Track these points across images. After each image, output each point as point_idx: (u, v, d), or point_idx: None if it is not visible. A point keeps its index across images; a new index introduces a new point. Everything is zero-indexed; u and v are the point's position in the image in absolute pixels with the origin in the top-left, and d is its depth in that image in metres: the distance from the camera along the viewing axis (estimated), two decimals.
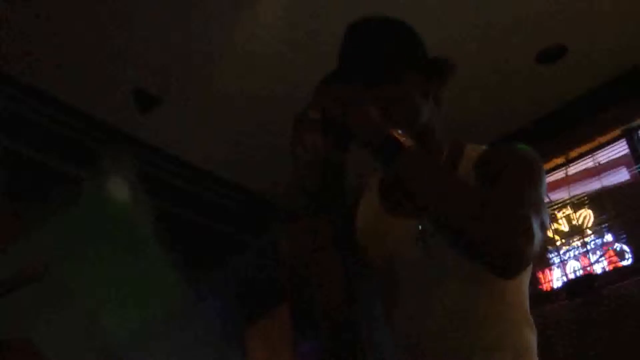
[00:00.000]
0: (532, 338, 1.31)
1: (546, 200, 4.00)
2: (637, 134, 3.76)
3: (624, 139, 3.82)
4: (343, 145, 1.14)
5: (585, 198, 4.01)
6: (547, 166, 4.11)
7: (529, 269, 1.30)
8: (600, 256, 3.85)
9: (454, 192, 1.12)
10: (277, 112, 3.64)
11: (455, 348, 1.24)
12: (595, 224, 3.92)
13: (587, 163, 4.03)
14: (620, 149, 3.87)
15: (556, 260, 4.04)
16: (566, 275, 3.94)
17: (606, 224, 3.87)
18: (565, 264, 3.98)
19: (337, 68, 1.32)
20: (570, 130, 3.86)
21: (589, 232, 3.95)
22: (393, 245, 1.32)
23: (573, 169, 4.08)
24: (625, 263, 3.73)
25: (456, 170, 1.31)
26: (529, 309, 1.35)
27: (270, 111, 3.64)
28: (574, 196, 4.06)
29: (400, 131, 1.13)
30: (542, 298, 3.95)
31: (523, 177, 1.22)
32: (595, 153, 3.96)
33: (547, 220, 1.20)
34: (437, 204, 1.12)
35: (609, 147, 3.90)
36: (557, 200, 4.12)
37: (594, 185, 3.99)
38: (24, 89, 3.22)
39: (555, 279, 4.00)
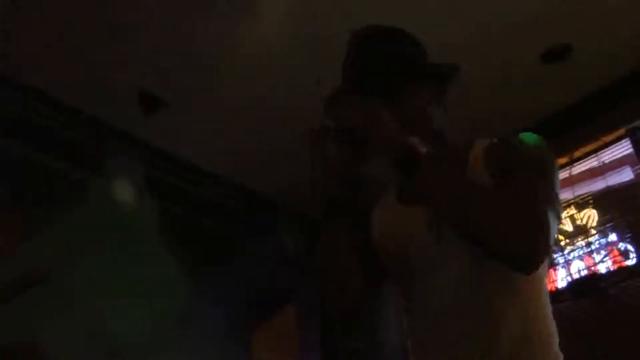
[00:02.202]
0: (548, 325, 1.34)
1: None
2: None
3: (628, 138, 3.81)
4: (361, 155, 1.19)
5: (590, 198, 4.00)
6: None
7: (546, 264, 1.31)
8: (605, 256, 3.84)
9: (471, 197, 1.16)
10: (281, 114, 3.67)
11: (467, 326, 1.25)
12: (599, 223, 3.91)
13: (591, 163, 4.02)
14: (624, 148, 3.86)
15: (560, 260, 4.03)
16: (571, 275, 3.93)
17: (610, 224, 3.86)
18: (570, 264, 3.97)
19: (348, 80, 1.36)
20: (575, 129, 3.85)
21: (593, 231, 3.94)
22: (407, 231, 1.35)
23: (577, 168, 4.07)
24: (629, 262, 3.72)
25: (467, 166, 1.32)
26: (548, 301, 1.35)
27: (274, 113, 3.64)
28: (578, 196, 4.05)
29: (416, 140, 1.16)
30: None
31: (535, 171, 1.24)
32: (599, 152, 3.95)
33: (561, 210, 1.26)
34: (455, 211, 1.16)
35: (613, 146, 3.89)
36: (561, 200, 4.10)
37: (598, 184, 3.98)
38: (29, 92, 3.21)
39: (559, 279, 3.99)
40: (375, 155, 1.18)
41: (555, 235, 1.19)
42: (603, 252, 3.87)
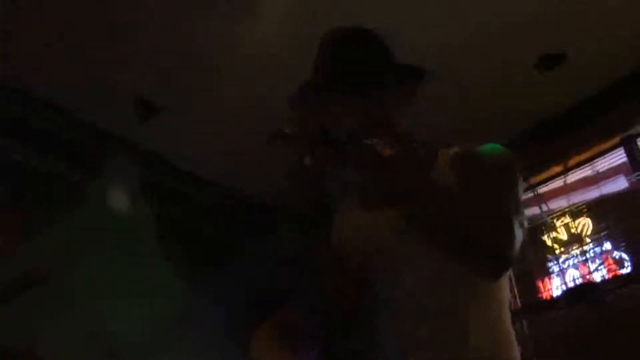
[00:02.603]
0: (508, 327, 1.32)
1: (544, 208, 4.04)
2: (636, 142, 3.77)
3: (622, 147, 3.83)
4: (323, 157, 1.16)
5: (584, 206, 4.01)
6: (545, 175, 4.13)
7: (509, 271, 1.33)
8: (600, 264, 3.85)
9: (436, 200, 1.16)
10: (281, 116, 3.67)
11: (435, 331, 1.24)
12: (594, 232, 3.92)
13: (586, 171, 4.04)
14: (618, 157, 3.88)
15: (555, 268, 4.03)
16: (566, 283, 3.93)
17: (605, 232, 3.87)
18: (565, 273, 3.97)
19: (313, 79, 1.38)
20: (569, 138, 3.87)
21: (588, 240, 3.95)
22: (371, 235, 1.33)
23: (572, 177, 4.08)
24: (624, 271, 3.72)
25: (431, 173, 1.33)
26: (508, 310, 1.35)
27: (274, 115, 3.63)
28: (572, 204, 4.06)
29: (378, 141, 1.15)
30: (541, 306, 3.95)
31: (500, 179, 1.25)
32: (594, 161, 3.97)
33: (525, 219, 1.23)
34: (420, 212, 1.16)
35: (607, 155, 3.91)
36: (556, 209, 4.12)
37: (593, 193, 3.99)
38: (28, 94, 3.23)
39: (554, 287, 3.99)
40: (339, 158, 1.16)
41: (519, 244, 1.16)
42: (598, 261, 3.87)
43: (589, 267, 3.90)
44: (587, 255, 3.92)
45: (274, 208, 4.19)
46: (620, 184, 3.90)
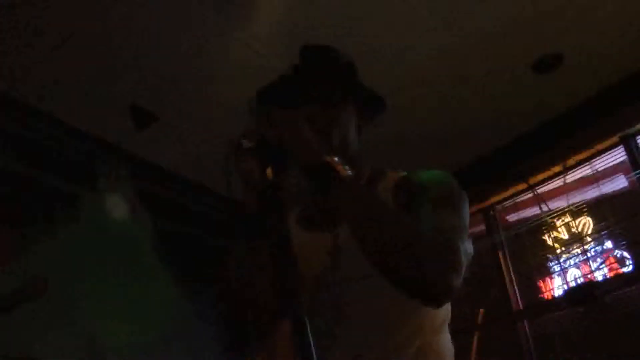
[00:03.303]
0: (446, 344, 1.30)
1: (544, 208, 4.04)
2: (635, 140, 3.76)
3: (621, 146, 3.82)
4: (280, 169, 1.12)
5: (584, 206, 4.00)
6: (545, 174, 4.12)
7: None
8: (601, 263, 3.85)
9: (387, 224, 1.11)
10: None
11: (365, 350, 1.22)
12: (594, 231, 3.92)
13: (585, 171, 4.03)
14: (618, 156, 3.88)
15: (557, 268, 4.03)
16: (567, 283, 3.93)
17: (606, 231, 3.86)
18: (566, 272, 3.97)
19: (273, 88, 1.37)
20: (568, 138, 3.87)
21: (588, 239, 3.94)
22: (305, 259, 1.26)
23: (571, 177, 4.08)
24: (626, 270, 3.72)
25: (376, 192, 1.32)
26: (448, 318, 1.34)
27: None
28: (572, 204, 4.06)
29: (336, 159, 1.13)
30: (543, 306, 3.95)
31: (447, 205, 1.24)
32: (593, 161, 3.96)
33: (470, 247, 1.19)
34: (369, 235, 1.11)
35: (606, 154, 3.91)
36: (556, 209, 4.12)
37: (593, 193, 3.99)
38: (22, 107, 3.22)
39: (556, 287, 3.99)
40: (292, 170, 1.14)
41: (463, 271, 1.12)
42: (599, 260, 3.87)
43: (590, 266, 3.89)
44: (588, 255, 3.92)
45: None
46: (619, 183, 3.90)
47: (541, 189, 4.17)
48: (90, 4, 2.77)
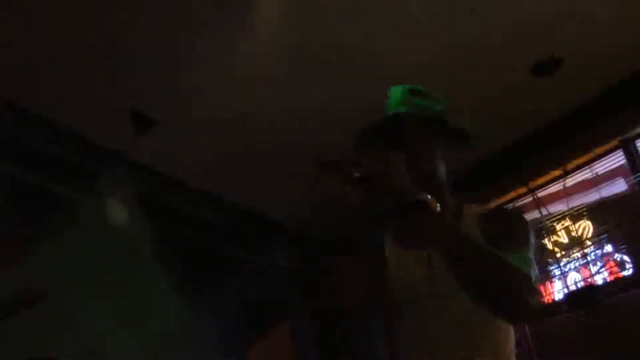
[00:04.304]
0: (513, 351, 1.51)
1: (544, 212, 4.04)
2: (634, 144, 3.77)
3: (621, 150, 3.83)
4: (379, 200, 1.26)
5: (584, 209, 4.00)
6: (545, 179, 4.12)
7: None
8: (601, 267, 3.84)
9: (478, 256, 1.29)
10: (274, 132, 3.68)
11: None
12: (594, 235, 3.91)
13: (584, 174, 4.03)
14: (617, 159, 3.88)
15: (557, 272, 4.03)
16: (567, 287, 3.93)
17: (606, 235, 3.86)
18: (566, 276, 3.97)
19: (368, 132, 1.51)
20: (567, 142, 3.87)
21: (588, 243, 3.94)
22: (404, 265, 1.49)
23: (571, 180, 4.08)
24: (626, 273, 3.72)
25: (461, 224, 1.50)
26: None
27: (267, 131, 3.65)
28: (572, 208, 4.05)
29: (429, 196, 1.26)
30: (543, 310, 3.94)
31: (524, 240, 1.45)
32: (592, 164, 3.96)
33: (538, 272, 1.41)
34: (464, 263, 1.29)
35: (606, 158, 3.91)
36: (556, 213, 4.11)
37: (593, 196, 3.98)
38: (21, 112, 3.22)
39: (556, 291, 3.98)
40: (383, 201, 1.26)
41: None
42: (599, 264, 3.87)
43: (590, 270, 3.89)
44: (588, 258, 3.91)
45: (269, 223, 4.20)
46: (619, 186, 3.90)
47: (541, 193, 4.17)
48: (90, 9, 2.77)
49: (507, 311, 1.31)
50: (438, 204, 1.26)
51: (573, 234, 4.02)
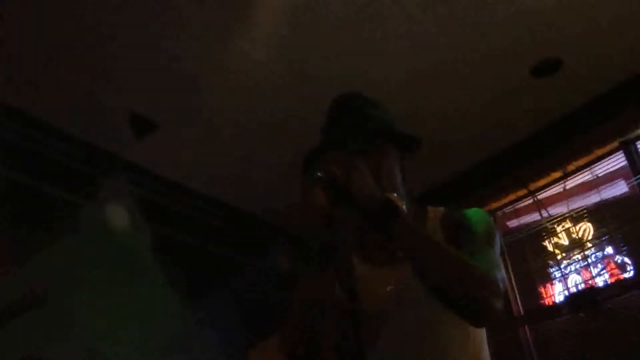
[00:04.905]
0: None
1: (544, 214, 4.04)
2: (635, 145, 3.76)
3: (621, 151, 3.82)
4: (343, 203, 1.31)
5: (585, 211, 3.99)
6: (545, 180, 4.12)
7: None
8: (602, 269, 3.83)
9: (442, 258, 1.31)
10: (273, 135, 3.69)
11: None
12: (595, 237, 3.90)
13: (585, 176, 4.02)
14: (618, 161, 3.87)
15: (557, 274, 4.02)
16: (568, 289, 3.92)
17: (606, 237, 3.85)
18: (567, 278, 3.95)
19: (328, 137, 1.52)
20: (568, 143, 3.86)
21: (589, 245, 3.93)
22: (370, 292, 1.47)
23: (571, 182, 4.07)
24: (627, 275, 3.71)
25: (425, 228, 1.51)
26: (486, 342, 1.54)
27: (266, 134, 3.65)
28: (573, 210, 4.05)
29: (396, 196, 1.33)
30: (544, 313, 3.93)
31: (487, 241, 1.45)
32: (593, 166, 3.95)
33: (504, 276, 1.41)
34: (428, 267, 1.31)
35: (606, 159, 3.90)
36: (556, 215, 4.11)
37: (593, 198, 3.98)
38: (20, 116, 3.22)
39: (557, 293, 3.97)
40: (355, 207, 1.31)
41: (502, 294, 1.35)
42: (600, 266, 3.86)
43: (591, 272, 3.88)
44: (589, 260, 3.90)
45: (270, 226, 4.19)
46: (620, 188, 3.88)
47: (541, 195, 4.17)
48: (90, 11, 2.77)
49: (469, 312, 1.31)
50: (404, 203, 1.32)
51: (573, 236, 4.01)
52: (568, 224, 4.04)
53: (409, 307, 1.43)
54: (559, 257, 4.04)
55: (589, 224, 3.95)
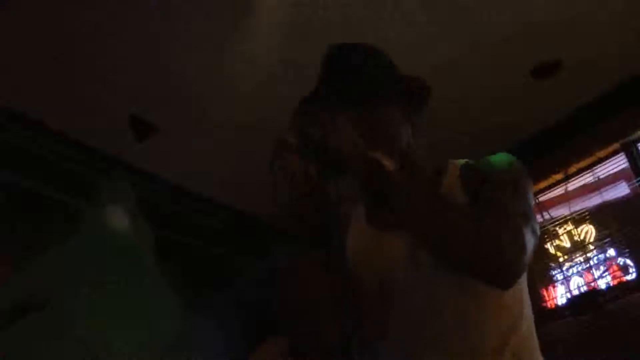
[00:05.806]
0: (532, 338, 1.33)
1: (546, 216, 4.02)
2: (636, 147, 3.75)
3: (622, 153, 3.81)
4: (327, 172, 1.11)
5: (586, 213, 3.98)
6: (546, 183, 4.11)
7: (525, 275, 1.28)
8: (604, 271, 3.82)
9: (442, 215, 1.14)
10: (273, 137, 3.67)
11: (455, 355, 1.21)
12: (597, 239, 3.89)
13: (586, 178, 4.02)
14: (619, 163, 3.86)
15: (559, 276, 4.01)
16: (570, 291, 3.91)
17: (608, 239, 3.84)
18: (569, 280, 3.95)
19: (315, 90, 1.33)
20: (569, 145, 3.86)
21: (591, 247, 3.92)
22: (385, 263, 1.30)
23: (572, 184, 4.06)
24: (629, 277, 3.69)
25: (440, 187, 1.31)
26: (530, 309, 1.34)
27: (266, 135, 3.64)
28: (574, 212, 4.04)
29: (380, 155, 1.11)
30: (546, 315, 3.91)
31: (508, 188, 1.23)
32: (594, 168, 3.95)
33: (537, 226, 1.22)
34: (427, 228, 1.14)
35: (608, 161, 3.89)
36: (557, 217, 4.10)
37: (595, 200, 3.97)
38: (20, 119, 3.22)
39: (559, 295, 3.96)
40: (341, 172, 1.11)
41: (534, 249, 1.17)
42: (602, 268, 3.84)
43: (593, 274, 3.87)
44: (591, 263, 3.89)
45: (270, 229, 4.17)
46: (621, 190, 3.88)
47: (543, 197, 4.16)
48: (90, 13, 2.78)
49: (488, 274, 1.12)
50: (392, 160, 1.12)
51: (575, 238, 4.00)
52: (570, 226, 4.04)
53: (419, 273, 1.24)
54: (560, 259, 4.04)
55: (591, 226, 3.94)
